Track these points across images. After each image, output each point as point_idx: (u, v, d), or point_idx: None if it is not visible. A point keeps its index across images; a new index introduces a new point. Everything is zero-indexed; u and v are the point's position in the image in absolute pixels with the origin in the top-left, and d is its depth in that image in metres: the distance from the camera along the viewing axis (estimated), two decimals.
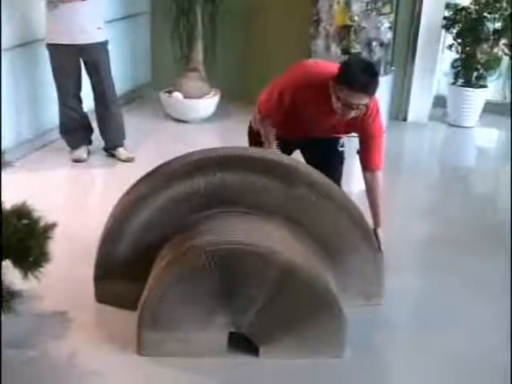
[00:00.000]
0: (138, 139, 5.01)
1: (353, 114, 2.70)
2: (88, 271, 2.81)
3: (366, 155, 2.95)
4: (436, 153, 5.60)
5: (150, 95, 6.19)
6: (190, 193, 2.67)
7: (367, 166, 2.95)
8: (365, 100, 2.66)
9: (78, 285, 2.94)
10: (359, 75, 2.62)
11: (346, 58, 5.25)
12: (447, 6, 5.63)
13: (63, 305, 2.83)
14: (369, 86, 2.65)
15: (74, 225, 3.49)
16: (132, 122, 5.14)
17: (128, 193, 2.79)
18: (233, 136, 5.03)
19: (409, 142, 5.72)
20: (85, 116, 4.70)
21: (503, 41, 5.62)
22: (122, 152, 4.74)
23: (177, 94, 5.63)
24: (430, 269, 3.35)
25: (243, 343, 2.55)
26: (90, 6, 4.34)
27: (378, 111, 2.90)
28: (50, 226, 2.47)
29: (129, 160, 4.67)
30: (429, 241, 3.73)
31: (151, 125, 5.59)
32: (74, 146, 4.71)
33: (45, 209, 2.48)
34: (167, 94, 5.70)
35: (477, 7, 5.55)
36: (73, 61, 4.43)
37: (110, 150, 4.78)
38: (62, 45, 4.32)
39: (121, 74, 5.60)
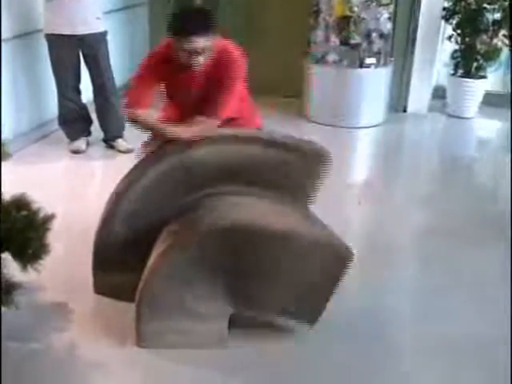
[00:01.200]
0: (137, 131, 4.99)
1: (201, 58, 2.62)
2: (87, 262, 2.81)
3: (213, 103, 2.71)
4: (436, 143, 5.59)
5: None
6: (183, 167, 2.63)
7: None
8: (201, 41, 2.57)
9: (77, 276, 2.94)
10: (180, 19, 2.63)
11: (345, 49, 5.32)
12: None
13: (63, 296, 2.84)
14: (194, 26, 2.56)
15: (73, 216, 3.49)
16: None
17: (122, 180, 2.78)
18: None
19: (408, 133, 5.71)
20: (84, 107, 4.69)
21: (503, 32, 5.62)
22: (121, 143, 4.73)
23: None
24: (429, 259, 3.35)
25: (243, 333, 2.55)
26: None
27: (232, 60, 2.75)
28: (49, 218, 2.47)
29: (128, 151, 4.67)
30: (428, 231, 3.73)
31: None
32: (72, 137, 4.70)
33: (44, 200, 2.47)
34: None
35: None
36: (72, 51, 4.41)
37: (110, 142, 4.77)
38: (61, 35, 4.31)
39: (119, 65, 5.57)
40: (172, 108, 2.96)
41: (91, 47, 4.44)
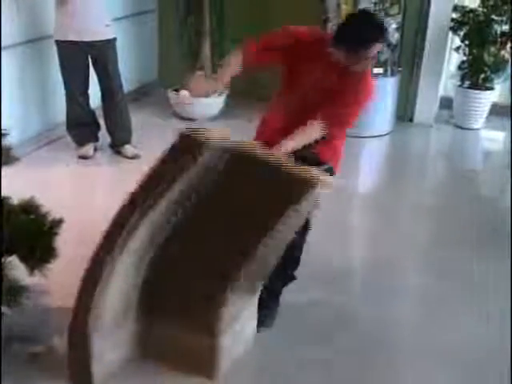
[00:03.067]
0: (144, 137, 5.03)
1: (351, 62, 2.57)
2: None
3: (325, 107, 2.59)
4: (442, 154, 5.60)
5: (156, 93, 6.21)
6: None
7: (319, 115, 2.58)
8: (373, 49, 2.54)
9: None
10: (346, 28, 2.57)
11: None
12: (455, 8, 5.63)
13: (70, 300, 2.84)
14: (358, 40, 2.50)
15: (80, 221, 3.50)
16: (139, 120, 5.15)
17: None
18: (239, 134, 5.02)
19: (415, 144, 5.71)
20: (92, 113, 4.72)
21: (510, 44, 5.63)
22: (128, 149, 4.76)
23: (184, 93, 5.64)
24: (436, 270, 3.36)
25: None
26: (98, 2, 4.37)
27: (369, 84, 2.73)
28: (57, 222, 2.49)
29: (135, 157, 4.69)
30: (435, 242, 3.73)
31: (158, 122, 5.60)
32: (80, 142, 4.73)
33: (51, 205, 2.49)
34: (174, 92, 5.72)
35: (484, 10, 5.55)
36: (81, 58, 4.45)
37: (117, 147, 4.80)
38: (70, 41, 4.35)
39: (128, 71, 5.61)
40: (276, 107, 2.84)
41: (100, 54, 4.47)
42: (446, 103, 6.06)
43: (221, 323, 2.37)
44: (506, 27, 5.57)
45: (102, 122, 4.78)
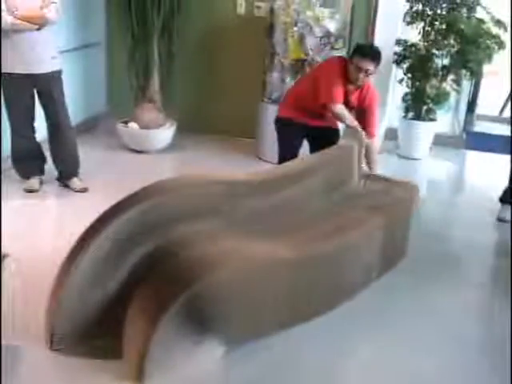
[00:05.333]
0: (93, 169, 4.97)
1: (361, 78, 3.86)
2: (40, 305, 2.74)
3: (367, 123, 3.99)
4: None
5: (105, 125, 6.16)
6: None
7: (368, 133, 3.96)
8: (371, 65, 3.84)
9: (30, 319, 2.87)
10: (365, 47, 4.05)
11: None
12: (397, 42, 5.81)
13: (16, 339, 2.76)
14: (373, 54, 3.90)
15: (27, 256, 3.41)
16: (87, 152, 5.10)
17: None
18: (188, 167, 5.06)
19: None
20: (38, 145, 4.64)
21: (451, 76, 5.84)
22: (76, 182, 4.69)
23: (133, 125, 5.63)
24: (383, 294, 3.38)
25: None
26: (44, 34, 4.31)
27: (374, 90, 4.10)
28: (3, 257, 2.42)
29: (83, 190, 4.63)
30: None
31: (107, 155, 5.56)
32: (25, 175, 4.64)
33: None
34: (123, 125, 5.69)
35: (425, 44, 5.75)
36: (27, 90, 4.38)
37: (64, 180, 4.73)
38: (16, 74, 4.28)
39: (75, 104, 5.56)
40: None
41: (47, 86, 4.41)
42: (391, 134, 6.21)
43: None
44: (446, 61, 5.78)
45: (47, 154, 4.70)
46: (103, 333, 2.61)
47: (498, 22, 5.58)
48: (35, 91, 4.44)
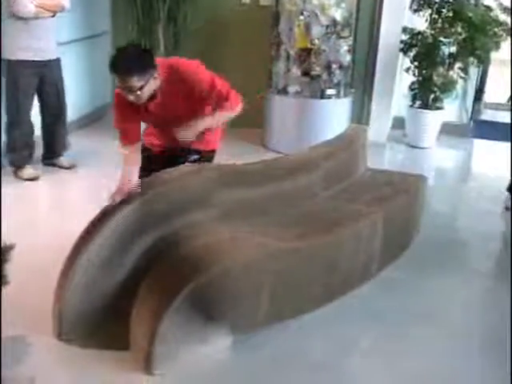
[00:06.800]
0: (98, 160, 4.99)
1: (133, 97, 2.75)
2: (45, 294, 2.75)
3: (218, 102, 2.99)
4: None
5: (112, 116, 6.14)
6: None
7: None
8: (131, 82, 2.69)
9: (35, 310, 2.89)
10: (113, 61, 2.73)
11: (305, 80, 5.41)
12: (404, 30, 5.77)
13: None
14: (122, 68, 2.71)
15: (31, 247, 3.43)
16: (93, 142, 5.11)
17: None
18: None
19: (368, 162, 5.77)
20: (33, 132, 4.70)
21: (458, 64, 5.79)
22: (64, 160, 4.88)
23: None
24: (388, 287, 3.37)
25: None
26: (55, 22, 4.41)
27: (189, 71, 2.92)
28: (7, 248, 2.44)
29: (72, 167, 4.86)
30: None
31: (112, 146, 5.53)
32: (20, 164, 4.64)
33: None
34: None
35: (432, 32, 5.70)
36: (34, 77, 4.43)
37: (53, 160, 4.86)
38: (26, 61, 4.31)
39: (81, 94, 5.57)
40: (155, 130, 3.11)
41: (52, 72, 4.54)
42: (399, 123, 6.18)
43: None
44: (453, 49, 5.73)
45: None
46: (111, 322, 2.63)
47: (506, 10, 5.53)
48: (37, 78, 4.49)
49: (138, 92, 2.72)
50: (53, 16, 4.35)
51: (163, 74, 2.83)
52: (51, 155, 4.86)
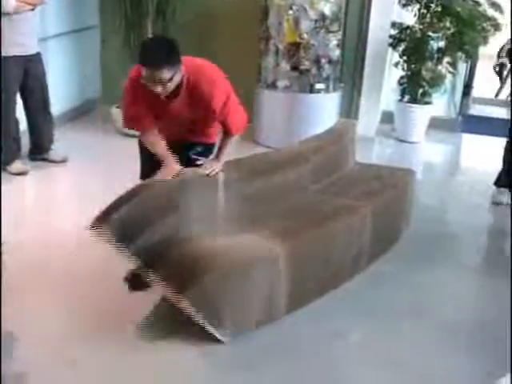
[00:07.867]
0: (87, 154, 4.97)
1: (160, 89, 2.69)
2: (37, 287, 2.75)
3: (224, 123, 3.05)
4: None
5: (100, 110, 6.14)
6: None
7: (228, 132, 3.09)
8: (161, 73, 2.65)
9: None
10: (143, 52, 2.71)
11: (295, 74, 5.41)
12: (393, 25, 5.78)
13: None
14: (154, 59, 2.66)
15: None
16: (82, 137, 5.09)
17: None
18: None
19: (357, 156, 5.79)
20: (18, 128, 4.68)
21: (446, 59, 5.81)
22: (54, 154, 4.85)
23: None
24: (378, 280, 3.39)
25: None
26: (36, 16, 4.40)
27: (213, 83, 2.95)
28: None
29: (64, 160, 4.82)
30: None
31: (101, 139, 5.53)
32: (9, 160, 4.61)
33: None
34: (118, 109, 5.65)
35: (421, 26, 5.72)
36: (19, 72, 4.42)
37: (42, 155, 4.83)
38: (12, 56, 4.29)
39: (70, 88, 5.54)
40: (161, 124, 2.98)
41: (36, 66, 4.53)
42: (388, 117, 6.20)
43: None
44: (441, 43, 5.76)
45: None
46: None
47: (494, 4, 5.56)
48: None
49: (168, 84, 2.68)
50: (32, 10, 4.32)
51: (187, 72, 2.80)
52: (39, 151, 4.84)
